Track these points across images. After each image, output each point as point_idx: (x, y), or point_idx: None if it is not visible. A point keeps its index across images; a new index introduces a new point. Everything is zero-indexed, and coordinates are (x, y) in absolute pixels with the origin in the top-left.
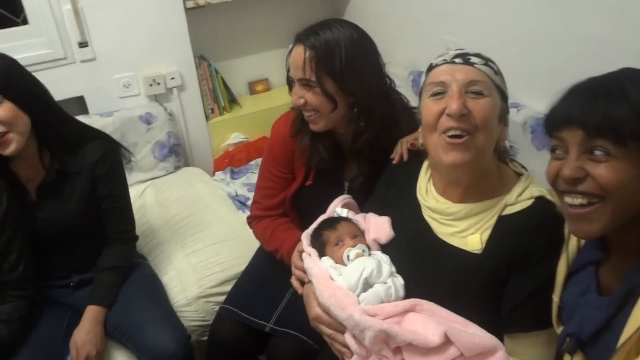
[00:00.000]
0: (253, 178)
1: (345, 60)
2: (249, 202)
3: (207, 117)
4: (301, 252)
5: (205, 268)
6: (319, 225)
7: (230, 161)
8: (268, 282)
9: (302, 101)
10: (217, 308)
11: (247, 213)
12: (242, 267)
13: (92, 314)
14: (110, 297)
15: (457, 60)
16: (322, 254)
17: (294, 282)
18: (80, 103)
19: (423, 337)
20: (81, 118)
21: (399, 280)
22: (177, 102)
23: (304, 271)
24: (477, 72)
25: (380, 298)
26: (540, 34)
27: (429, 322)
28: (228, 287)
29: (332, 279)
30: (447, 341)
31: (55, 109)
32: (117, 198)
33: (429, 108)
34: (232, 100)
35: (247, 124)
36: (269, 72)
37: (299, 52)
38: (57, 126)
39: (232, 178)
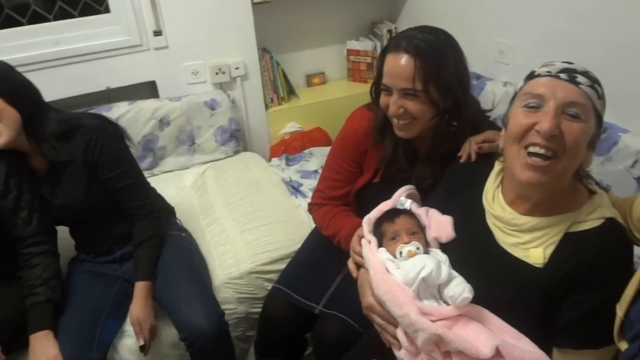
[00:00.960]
0: (306, 166)
1: (452, 68)
2: (302, 188)
3: (266, 106)
4: (361, 237)
5: (258, 246)
6: (381, 216)
7: (286, 149)
8: (319, 266)
9: (401, 110)
10: (267, 284)
11: (300, 198)
12: (293, 249)
13: (140, 290)
14: (149, 270)
15: (562, 75)
16: (379, 244)
17: (350, 265)
18: (151, 87)
19: (475, 347)
20: (152, 102)
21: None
22: (239, 90)
23: (362, 256)
24: (580, 93)
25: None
26: (595, 39)
27: (481, 331)
28: (278, 266)
29: (388, 271)
30: (497, 354)
31: (40, 104)
32: (120, 178)
33: (518, 118)
34: (290, 92)
35: (303, 114)
36: (325, 66)
37: (406, 62)
38: (44, 119)
39: (287, 165)
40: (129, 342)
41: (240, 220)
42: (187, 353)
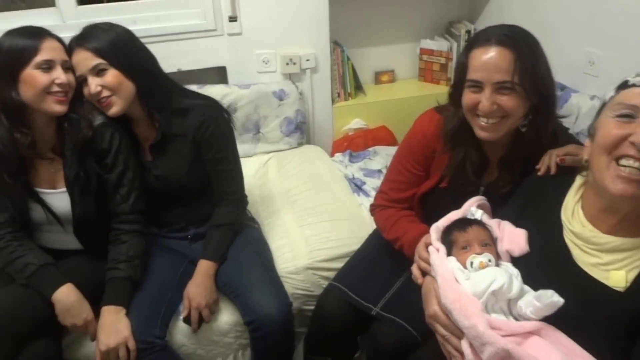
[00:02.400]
0: (370, 164)
1: (544, 64)
2: (365, 187)
3: (333, 100)
4: (428, 244)
5: (316, 242)
6: (452, 224)
7: (349, 145)
8: (380, 267)
9: (494, 107)
10: (323, 282)
11: (362, 197)
12: (352, 248)
13: (202, 267)
14: (219, 252)
15: None
16: (448, 253)
17: (415, 271)
18: (221, 73)
19: None
20: (221, 87)
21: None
22: (308, 82)
23: (429, 263)
24: None
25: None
26: None
27: (552, 352)
28: (336, 264)
29: (457, 281)
30: None
31: (159, 78)
32: (221, 161)
33: (609, 129)
34: (358, 87)
35: (369, 111)
36: (396, 64)
37: (502, 53)
38: (161, 93)
39: (350, 161)
40: (182, 324)
41: (300, 214)
42: (237, 341)
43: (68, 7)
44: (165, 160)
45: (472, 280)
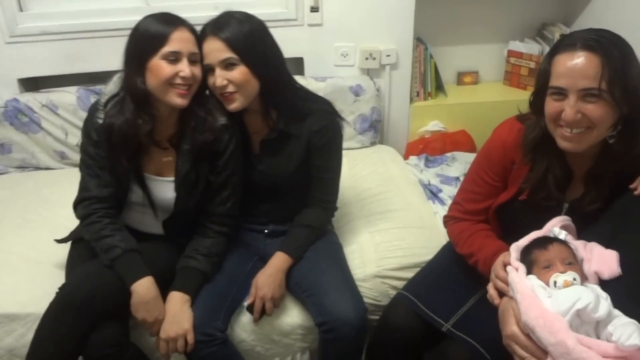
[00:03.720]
0: (447, 170)
1: (636, 70)
2: (441, 195)
3: (411, 100)
4: (506, 263)
5: (387, 249)
6: (531, 243)
7: (424, 148)
8: (453, 281)
9: (579, 116)
10: (391, 291)
11: (437, 205)
12: (424, 258)
13: (278, 259)
14: (298, 251)
15: None
16: (528, 272)
17: (491, 291)
18: (298, 63)
19: None
20: (296, 78)
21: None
22: (387, 79)
23: (507, 283)
24: None
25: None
26: None
27: None
28: (406, 274)
29: (538, 298)
30: None
31: (284, 78)
32: (327, 169)
33: None
34: (439, 87)
35: (448, 113)
36: (481, 65)
37: (588, 59)
38: (284, 92)
39: (426, 166)
40: (244, 319)
41: (371, 219)
42: (297, 343)
43: None
44: (273, 158)
45: (555, 298)
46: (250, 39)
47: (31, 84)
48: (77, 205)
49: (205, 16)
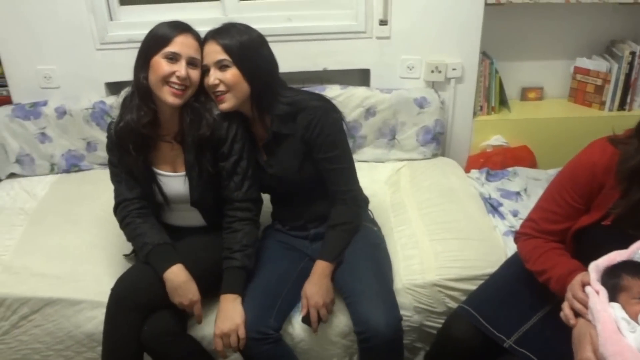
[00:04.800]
0: (508, 185)
1: None
2: (501, 209)
3: (474, 113)
4: (585, 283)
5: (447, 259)
6: (621, 267)
7: (485, 162)
8: (517, 297)
9: None
10: (448, 300)
11: (497, 219)
12: (483, 271)
13: (319, 268)
14: (334, 253)
15: None
16: (611, 298)
17: (567, 311)
18: (363, 75)
19: None
20: (362, 90)
21: None
22: (451, 92)
23: (585, 305)
24: None
25: None
26: None
27: None
28: (464, 285)
29: (620, 332)
30: None
31: (273, 85)
32: (331, 160)
33: None
34: (502, 102)
35: (511, 129)
36: (546, 81)
37: None
38: (274, 96)
39: (487, 180)
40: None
41: (432, 228)
42: (354, 345)
43: (231, 2)
44: (278, 160)
45: (639, 335)
46: (245, 46)
47: (116, 88)
48: (115, 211)
49: (279, 27)
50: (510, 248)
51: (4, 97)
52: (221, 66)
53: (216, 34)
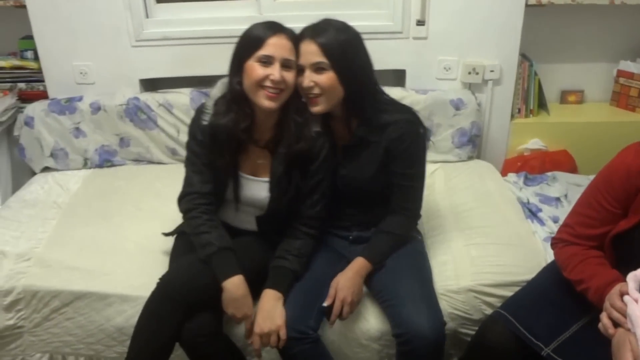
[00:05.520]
0: (547, 190)
1: None
2: (540, 214)
3: (512, 116)
4: (624, 293)
5: (482, 264)
6: None
7: (522, 166)
8: (555, 305)
9: None
10: (484, 306)
11: (536, 224)
12: (520, 277)
13: (358, 264)
14: (378, 256)
15: None
16: None
17: (605, 321)
18: (398, 76)
19: None
20: (398, 90)
21: None
22: (488, 94)
23: (624, 314)
24: None
25: None
26: None
27: None
28: (500, 291)
29: None
30: None
31: (370, 89)
32: (408, 177)
33: None
34: (541, 105)
35: (550, 132)
36: (586, 84)
37: None
38: (367, 102)
39: (525, 184)
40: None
41: (467, 232)
42: (384, 349)
43: (266, 0)
44: (353, 163)
45: None
46: (344, 47)
47: (150, 85)
48: (181, 199)
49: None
50: (549, 254)
51: (40, 92)
52: (317, 68)
53: (314, 33)
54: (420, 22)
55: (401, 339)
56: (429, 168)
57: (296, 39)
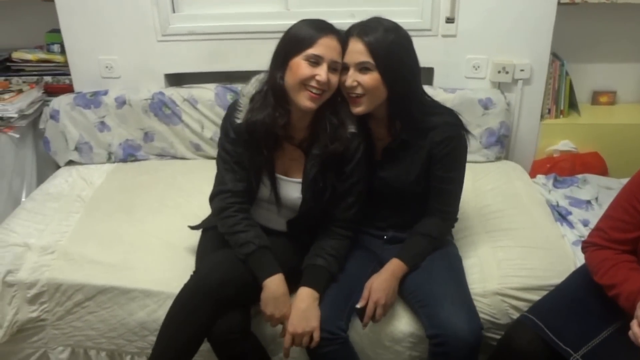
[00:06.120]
0: (578, 193)
1: None
2: (570, 217)
3: (541, 116)
4: None
5: (510, 267)
6: None
7: (552, 167)
8: (585, 309)
9: None
10: (511, 310)
11: (565, 227)
12: (549, 281)
13: (393, 266)
14: (414, 259)
15: None
16: None
17: (635, 329)
18: (426, 74)
19: None
20: (425, 88)
21: None
22: (518, 94)
23: None
24: None
25: None
26: None
27: None
28: (528, 295)
29: None
30: None
31: (415, 92)
32: (448, 180)
33: None
34: (572, 106)
35: (581, 134)
36: (619, 85)
37: None
38: (411, 105)
39: (555, 186)
40: (357, 321)
41: (494, 235)
42: (407, 351)
43: None
44: (393, 166)
45: None
46: (391, 48)
47: (175, 80)
48: (213, 198)
49: (341, 23)
50: (579, 258)
51: (66, 86)
52: (362, 68)
53: (361, 31)
54: (450, 20)
55: (436, 340)
56: None
57: (344, 43)
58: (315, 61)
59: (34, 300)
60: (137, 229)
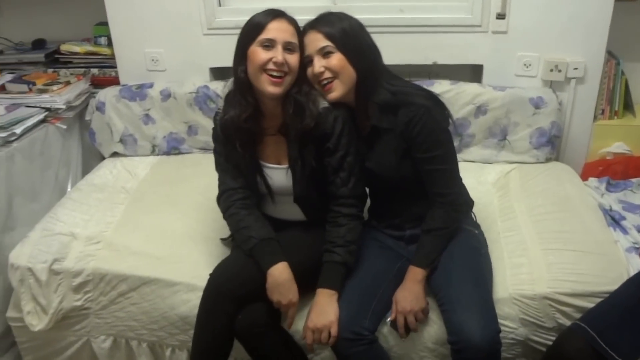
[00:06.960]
0: (632, 197)
1: None
2: (624, 222)
3: (595, 117)
4: None
5: (560, 271)
6: None
7: (604, 170)
8: None
9: None
10: (559, 316)
11: (619, 233)
12: (600, 288)
13: (411, 273)
14: (428, 259)
15: None
16: None
17: None
18: (475, 71)
19: None
20: (474, 86)
21: None
22: (570, 93)
23: None
24: None
25: None
26: None
27: None
28: (578, 301)
29: None
30: None
31: (377, 69)
32: (430, 161)
33: None
34: (627, 107)
35: (636, 136)
36: None
37: None
38: (376, 85)
39: (608, 190)
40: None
41: (544, 237)
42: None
43: None
44: (375, 153)
45: None
46: (346, 31)
47: (220, 73)
48: (218, 200)
49: (389, 18)
50: (633, 265)
51: (112, 78)
52: (325, 53)
53: (315, 24)
54: (501, 16)
55: (455, 347)
56: (505, 168)
57: (296, 25)
58: (269, 44)
59: (78, 289)
60: (181, 222)
